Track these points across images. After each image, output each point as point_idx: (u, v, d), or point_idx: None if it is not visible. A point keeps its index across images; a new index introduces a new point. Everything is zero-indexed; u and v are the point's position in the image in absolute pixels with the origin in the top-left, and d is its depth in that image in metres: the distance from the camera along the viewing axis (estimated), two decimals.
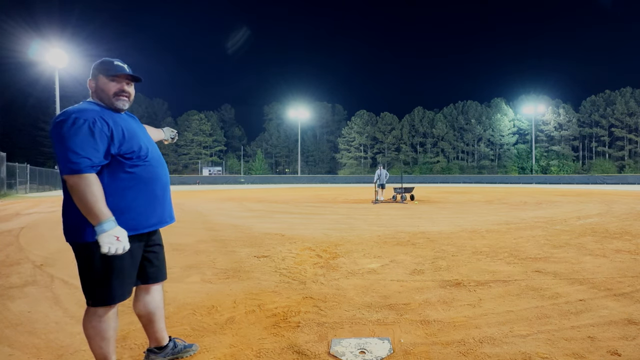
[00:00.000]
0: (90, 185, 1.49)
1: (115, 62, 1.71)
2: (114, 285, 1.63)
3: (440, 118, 71.44)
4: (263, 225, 7.28)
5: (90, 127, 1.52)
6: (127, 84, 1.74)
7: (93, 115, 1.56)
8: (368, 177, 48.85)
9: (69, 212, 1.59)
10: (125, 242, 1.54)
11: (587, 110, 66.44)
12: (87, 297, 1.65)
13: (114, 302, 1.65)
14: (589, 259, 4.17)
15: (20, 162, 22.68)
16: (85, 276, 1.63)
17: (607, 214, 8.85)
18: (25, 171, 22.79)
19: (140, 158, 1.69)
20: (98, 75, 1.69)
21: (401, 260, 4.24)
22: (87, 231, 1.55)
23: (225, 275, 3.66)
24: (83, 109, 1.57)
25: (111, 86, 1.69)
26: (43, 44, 34.88)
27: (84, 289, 1.65)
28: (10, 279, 3.61)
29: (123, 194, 1.63)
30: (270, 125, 79.29)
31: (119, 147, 1.61)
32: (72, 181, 1.49)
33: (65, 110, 1.55)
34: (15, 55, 44.84)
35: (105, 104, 1.70)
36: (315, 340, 2.20)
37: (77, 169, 1.47)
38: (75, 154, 1.47)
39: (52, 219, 8.62)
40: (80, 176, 1.48)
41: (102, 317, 1.66)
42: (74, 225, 1.57)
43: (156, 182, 1.76)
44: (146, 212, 1.71)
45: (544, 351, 2.03)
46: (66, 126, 1.49)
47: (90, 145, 1.51)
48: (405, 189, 13.80)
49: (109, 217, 1.51)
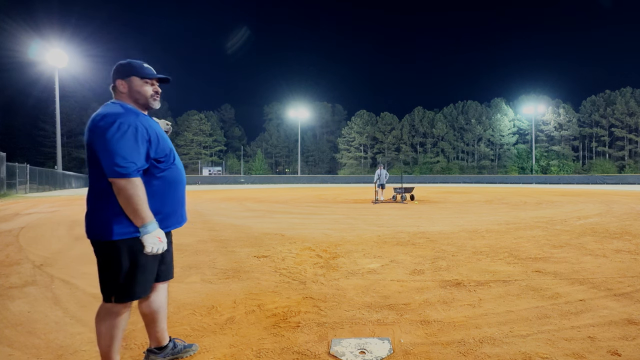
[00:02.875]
0: (137, 189, 1.56)
1: (145, 65, 1.80)
2: (138, 281, 1.69)
3: (440, 118, 71.44)
4: (263, 225, 7.28)
5: (134, 132, 1.59)
6: (157, 85, 1.84)
7: (135, 121, 1.62)
8: (368, 177, 48.87)
9: (97, 211, 1.63)
10: (165, 243, 1.65)
11: (587, 110, 66.44)
12: (108, 294, 1.67)
13: (137, 297, 1.71)
14: (589, 259, 4.17)
15: (20, 162, 22.67)
16: (109, 273, 1.66)
17: (607, 214, 8.85)
18: (25, 171, 22.78)
19: (169, 161, 1.77)
20: (131, 77, 1.74)
21: (401, 260, 4.24)
22: (114, 230, 1.59)
23: (225, 275, 3.65)
24: (123, 113, 1.62)
25: (147, 87, 1.77)
26: (43, 44, 34.91)
27: (106, 285, 1.68)
28: (10, 279, 3.61)
29: (155, 196, 1.70)
30: (270, 125, 79.29)
31: (155, 151, 1.69)
32: (120, 184, 1.55)
33: (107, 114, 1.60)
34: (15, 55, 44.92)
35: (141, 104, 1.78)
36: (315, 340, 2.20)
37: (125, 172, 1.54)
38: (122, 158, 1.53)
39: (52, 219, 8.62)
40: (128, 180, 1.55)
41: (119, 315, 1.70)
42: (101, 224, 1.61)
43: (180, 184, 1.85)
44: (172, 212, 1.80)
45: (544, 351, 2.03)
46: (111, 131, 1.54)
47: (135, 150, 1.58)
48: (405, 189, 13.79)
49: (152, 219, 1.62)
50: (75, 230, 6.80)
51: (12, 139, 54.41)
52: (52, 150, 48.79)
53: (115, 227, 1.59)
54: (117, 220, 1.59)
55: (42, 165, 44.03)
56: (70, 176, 36.25)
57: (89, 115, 26.20)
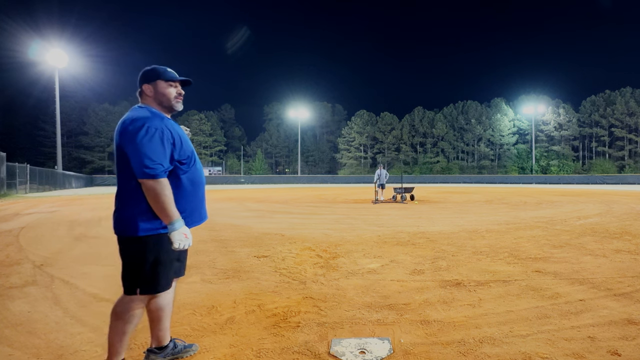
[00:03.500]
0: (165, 189, 1.66)
1: (169, 69, 1.87)
2: (163, 274, 1.78)
3: (440, 118, 71.43)
4: (263, 225, 7.28)
5: (161, 135, 1.68)
6: (180, 87, 1.91)
7: (160, 124, 1.71)
8: (368, 177, 48.86)
9: (124, 209, 1.72)
10: (190, 239, 1.75)
11: (587, 110, 66.43)
12: (133, 286, 1.74)
13: (161, 290, 1.79)
14: (589, 259, 4.17)
15: (20, 162, 22.67)
16: (135, 267, 1.74)
17: (607, 214, 8.85)
18: (25, 171, 22.78)
19: (190, 163, 1.84)
20: (157, 81, 1.82)
21: (401, 260, 4.24)
22: (141, 226, 1.69)
23: (225, 275, 3.66)
24: (150, 117, 1.71)
25: (171, 90, 1.85)
26: (43, 44, 34.91)
27: (131, 278, 1.75)
28: (10, 279, 3.61)
29: (179, 197, 1.77)
30: (270, 125, 79.28)
31: (178, 154, 1.77)
32: (148, 185, 1.64)
33: (135, 118, 1.69)
34: (15, 55, 44.91)
35: (165, 106, 1.86)
36: (315, 340, 2.20)
37: (154, 174, 1.63)
38: (151, 160, 1.63)
39: (52, 219, 8.62)
40: (156, 180, 1.64)
41: (134, 310, 1.77)
42: (128, 221, 1.70)
43: (201, 184, 1.94)
44: (194, 210, 1.87)
45: (544, 351, 2.03)
46: (140, 135, 1.63)
47: (162, 152, 1.67)
48: (405, 189, 13.80)
49: (179, 216, 1.71)
50: (75, 230, 6.80)
51: (12, 139, 54.40)
52: (52, 150, 48.79)
53: (142, 223, 1.69)
54: (143, 218, 1.69)
55: (42, 165, 44.02)
56: (70, 176, 36.24)
57: (89, 115, 26.47)
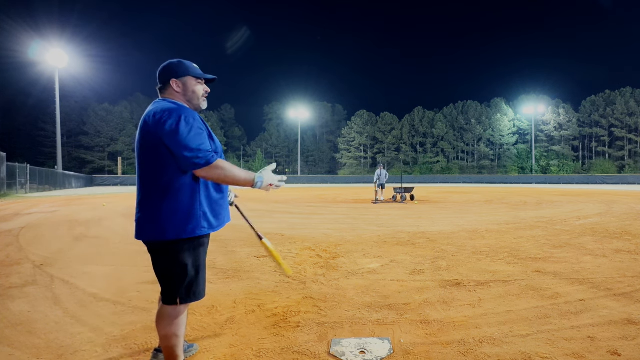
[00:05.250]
0: (224, 166, 1.59)
1: (194, 65, 1.80)
2: (200, 280, 1.70)
3: (440, 118, 71.43)
4: (263, 225, 7.28)
5: (200, 124, 1.62)
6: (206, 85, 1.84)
7: (194, 113, 1.64)
8: (368, 177, 48.86)
9: (158, 213, 1.57)
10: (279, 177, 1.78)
11: (587, 110, 66.41)
12: (173, 296, 1.64)
13: (200, 297, 1.70)
14: (589, 259, 4.17)
15: (20, 162, 22.69)
16: (174, 275, 1.63)
17: (607, 214, 8.85)
18: (25, 171, 22.79)
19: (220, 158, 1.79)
20: (187, 76, 1.74)
21: (401, 260, 4.24)
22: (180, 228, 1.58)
23: (225, 275, 3.66)
24: (182, 108, 1.63)
25: (200, 87, 1.78)
26: (43, 44, 34.92)
27: (171, 288, 1.64)
28: (10, 279, 3.61)
29: (210, 195, 1.71)
30: (270, 125, 79.28)
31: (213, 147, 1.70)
32: (206, 172, 1.57)
33: (167, 109, 1.58)
34: (15, 55, 44.88)
35: (193, 104, 1.77)
36: (315, 340, 2.20)
37: (208, 159, 1.56)
38: (198, 150, 1.54)
39: (52, 219, 8.62)
40: (211, 166, 1.57)
41: (181, 314, 1.69)
42: (163, 223, 1.57)
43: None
44: (225, 208, 1.82)
45: (544, 351, 2.03)
46: (182, 126, 1.54)
47: (204, 137, 1.60)
48: (405, 189, 13.80)
49: (254, 173, 1.70)
50: (75, 230, 6.80)
51: (12, 139, 54.40)
52: (52, 150, 48.81)
53: (181, 225, 1.57)
54: (181, 218, 1.58)
55: (42, 165, 43.99)
56: (70, 176, 36.24)
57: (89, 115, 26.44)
